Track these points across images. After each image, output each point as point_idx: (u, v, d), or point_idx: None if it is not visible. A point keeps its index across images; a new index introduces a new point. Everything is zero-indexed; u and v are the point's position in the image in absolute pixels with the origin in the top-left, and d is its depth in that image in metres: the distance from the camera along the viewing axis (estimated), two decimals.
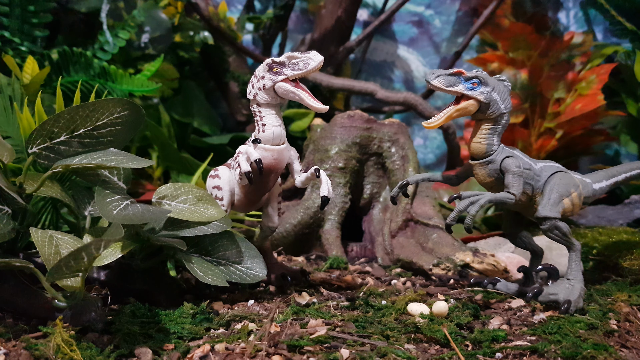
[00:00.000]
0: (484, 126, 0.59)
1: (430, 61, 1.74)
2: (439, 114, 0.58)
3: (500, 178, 0.60)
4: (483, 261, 0.76)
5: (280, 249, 0.84)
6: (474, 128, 0.60)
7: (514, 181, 0.58)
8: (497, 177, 0.60)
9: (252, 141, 0.61)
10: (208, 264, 0.58)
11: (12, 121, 0.76)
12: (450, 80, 0.57)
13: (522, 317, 0.56)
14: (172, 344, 0.46)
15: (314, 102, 0.59)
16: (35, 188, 0.56)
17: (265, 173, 0.62)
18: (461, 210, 0.56)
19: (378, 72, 1.72)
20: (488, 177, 0.60)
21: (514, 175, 0.58)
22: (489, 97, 0.57)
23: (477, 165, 0.60)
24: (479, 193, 0.59)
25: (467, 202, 0.57)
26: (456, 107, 0.57)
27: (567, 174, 0.61)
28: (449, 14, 1.73)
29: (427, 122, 0.57)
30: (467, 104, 0.57)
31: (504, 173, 0.59)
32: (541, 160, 0.62)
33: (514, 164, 0.59)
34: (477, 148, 0.60)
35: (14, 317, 0.51)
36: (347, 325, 0.52)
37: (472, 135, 0.60)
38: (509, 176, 0.58)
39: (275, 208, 0.67)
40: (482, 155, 0.60)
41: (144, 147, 1.22)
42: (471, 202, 0.57)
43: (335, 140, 0.89)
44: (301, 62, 0.58)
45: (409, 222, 0.85)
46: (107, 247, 0.48)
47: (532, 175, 0.59)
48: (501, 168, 0.59)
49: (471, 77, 0.57)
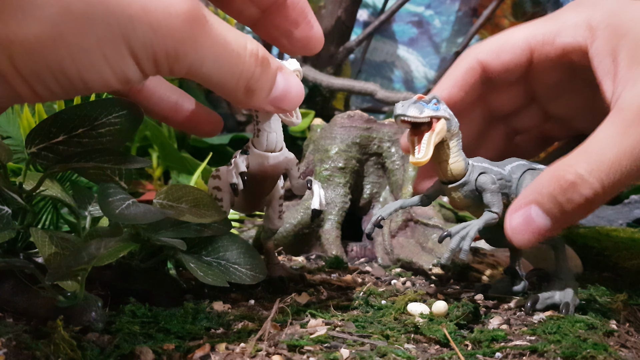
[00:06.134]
0: (451, 144, 0.55)
1: (430, 61, 1.74)
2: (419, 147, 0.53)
3: (475, 197, 0.57)
4: (483, 261, 0.76)
5: (280, 249, 0.84)
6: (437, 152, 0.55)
7: (493, 199, 0.56)
8: (473, 197, 0.57)
9: (240, 152, 0.60)
10: (208, 264, 0.58)
11: (12, 121, 0.76)
12: (418, 107, 0.53)
13: (522, 317, 0.56)
14: (172, 344, 0.46)
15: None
16: (34, 188, 0.56)
17: (260, 179, 0.61)
18: (454, 249, 0.54)
19: (378, 72, 1.72)
20: (465, 199, 0.57)
21: (492, 193, 0.56)
22: (448, 111, 0.54)
23: (453, 189, 0.57)
24: (465, 225, 0.56)
25: (458, 238, 0.55)
26: (435, 132, 0.53)
27: (536, 170, 0.59)
28: (449, 14, 1.73)
29: (415, 159, 0.53)
30: (442, 124, 0.53)
31: (480, 192, 0.56)
32: (506, 161, 0.59)
33: (489, 180, 0.56)
34: (458, 168, 0.56)
35: (14, 317, 0.51)
36: (347, 325, 0.52)
37: (441, 158, 0.55)
38: (487, 195, 0.56)
39: (276, 210, 0.67)
40: (461, 176, 0.57)
41: (144, 147, 1.22)
42: (462, 237, 0.55)
43: (335, 140, 0.89)
44: None
45: (408, 222, 0.85)
46: (107, 247, 0.48)
47: (504, 184, 0.57)
48: (477, 187, 0.56)
49: (430, 99, 0.54)
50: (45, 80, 0.40)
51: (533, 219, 0.51)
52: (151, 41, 0.40)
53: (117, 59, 0.40)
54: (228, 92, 0.46)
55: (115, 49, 0.40)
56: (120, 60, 0.40)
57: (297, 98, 0.50)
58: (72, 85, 0.41)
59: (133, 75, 0.42)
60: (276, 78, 0.48)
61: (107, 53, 0.40)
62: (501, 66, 0.63)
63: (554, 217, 0.51)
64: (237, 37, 0.45)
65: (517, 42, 0.62)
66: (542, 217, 0.51)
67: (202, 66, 0.43)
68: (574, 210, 0.50)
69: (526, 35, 0.62)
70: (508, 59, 0.62)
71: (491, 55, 0.63)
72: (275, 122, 0.60)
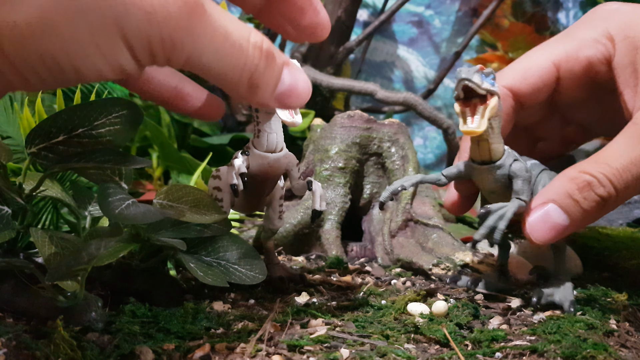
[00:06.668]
0: (494, 123, 0.54)
1: (430, 61, 1.74)
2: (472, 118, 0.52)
3: (505, 183, 0.56)
4: (483, 261, 0.76)
5: (280, 249, 0.84)
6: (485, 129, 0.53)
7: (524, 187, 0.55)
8: (503, 182, 0.56)
9: (241, 153, 0.60)
10: (208, 264, 0.58)
11: (12, 121, 0.76)
12: (480, 77, 0.52)
13: (522, 317, 0.56)
14: (172, 344, 0.46)
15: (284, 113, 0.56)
16: (33, 188, 0.56)
17: (260, 180, 0.61)
18: (491, 226, 0.53)
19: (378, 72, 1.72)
20: (495, 182, 0.56)
21: (524, 181, 0.55)
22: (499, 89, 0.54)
23: (486, 170, 0.56)
24: (503, 205, 0.55)
25: (496, 216, 0.54)
26: (490, 106, 0.52)
27: (551, 172, 0.59)
28: (449, 14, 1.73)
29: (469, 128, 0.51)
30: (496, 100, 0.52)
31: (512, 178, 0.56)
32: (525, 157, 0.59)
33: (523, 168, 0.55)
34: (497, 149, 0.55)
35: (14, 317, 0.51)
36: (347, 325, 0.52)
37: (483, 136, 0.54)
38: (518, 182, 0.55)
39: (277, 211, 0.67)
40: (498, 158, 0.56)
41: (144, 147, 1.22)
42: (499, 217, 0.54)
43: (335, 140, 0.89)
44: None
45: (408, 222, 0.85)
46: (107, 246, 0.48)
47: (530, 177, 0.57)
48: (509, 173, 0.56)
49: (489, 72, 0.53)
50: (36, 69, 0.38)
51: (551, 216, 0.53)
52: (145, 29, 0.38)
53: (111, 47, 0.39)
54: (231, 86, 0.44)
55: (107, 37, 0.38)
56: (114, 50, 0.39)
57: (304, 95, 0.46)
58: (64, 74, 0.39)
59: (128, 65, 0.40)
60: (282, 73, 0.44)
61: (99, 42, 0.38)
62: (530, 89, 0.64)
63: (571, 214, 0.53)
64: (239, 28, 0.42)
65: (541, 63, 0.64)
66: (560, 214, 0.53)
67: (201, 57, 0.40)
68: (591, 209, 0.53)
69: (549, 55, 0.64)
70: (535, 81, 0.64)
71: (518, 80, 0.64)
72: (276, 123, 0.60)
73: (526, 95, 0.65)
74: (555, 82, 0.64)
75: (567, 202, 0.53)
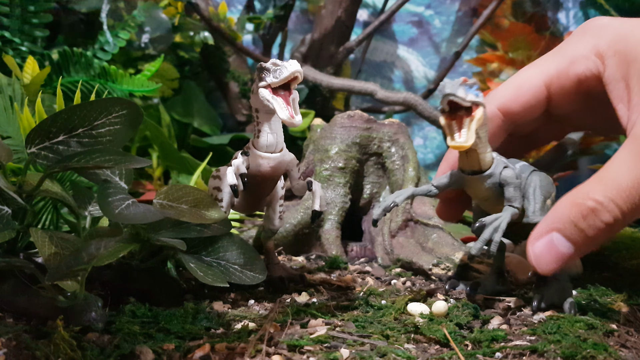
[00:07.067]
0: (481, 133, 0.54)
1: (430, 61, 1.74)
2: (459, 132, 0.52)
3: (496, 191, 0.56)
4: (483, 261, 0.76)
5: (280, 249, 0.84)
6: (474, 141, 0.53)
7: (515, 194, 0.55)
8: (494, 189, 0.57)
9: (240, 153, 0.60)
10: (208, 264, 0.58)
11: (12, 121, 0.76)
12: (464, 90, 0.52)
13: (522, 317, 0.56)
14: (172, 344, 0.46)
15: (284, 113, 0.55)
16: (34, 188, 0.56)
17: (260, 180, 0.61)
18: (487, 239, 0.53)
19: (378, 72, 1.72)
20: (486, 191, 0.57)
21: (515, 188, 0.55)
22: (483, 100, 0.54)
23: (477, 180, 0.56)
24: (497, 217, 0.55)
25: (491, 229, 0.54)
26: (476, 118, 0.52)
27: (542, 172, 0.59)
28: (449, 14, 1.73)
29: (456, 143, 0.51)
30: (481, 111, 0.52)
31: (503, 186, 0.56)
32: (513, 160, 0.59)
33: (513, 175, 0.56)
34: (486, 159, 0.55)
35: (14, 317, 0.51)
36: (347, 325, 0.52)
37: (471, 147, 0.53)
38: (509, 189, 0.55)
39: (277, 211, 0.67)
40: (487, 167, 0.56)
41: (144, 147, 1.22)
42: (494, 229, 0.54)
43: (335, 140, 0.89)
44: (279, 70, 0.54)
45: (408, 222, 0.85)
46: (107, 247, 0.48)
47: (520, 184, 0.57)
48: (500, 181, 0.56)
49: (472, 83, 0.53)
50: None
51: (556, 245, 0.52)
52: None
53: None
54: None
55: None
56: None
57: None
58: None
59: None
60: None
61: None
62: (521, 107, 0.64)
63: (576, 243, 0.51)
64: None
65: (532, 81, 0.63)
66: (565, 243, 0.51)
67: None
68: (596, 236, 0.51)
69: (540, 73, 0.63)
70: (527, 99, 0.63)
71: (509, 100, 0.64)
72: (276, 123, 0.60)
73: (519, 113, 0.64)
74: (547, 99, 0.64)
75: (572, 231, 0.51)
